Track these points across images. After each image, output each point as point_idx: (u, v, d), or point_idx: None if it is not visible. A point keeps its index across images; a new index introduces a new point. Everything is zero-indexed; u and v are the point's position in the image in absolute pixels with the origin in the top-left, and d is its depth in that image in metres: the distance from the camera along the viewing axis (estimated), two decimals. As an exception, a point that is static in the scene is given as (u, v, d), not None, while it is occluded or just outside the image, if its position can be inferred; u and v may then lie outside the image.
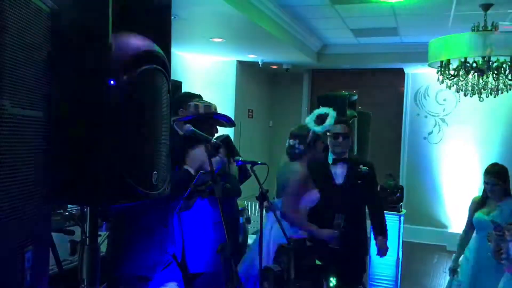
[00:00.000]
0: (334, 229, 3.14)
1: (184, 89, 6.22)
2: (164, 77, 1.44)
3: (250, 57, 6.93)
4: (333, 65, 7.73)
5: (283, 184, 3.21)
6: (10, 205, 0.94)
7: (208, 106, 2.65)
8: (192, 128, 2.27)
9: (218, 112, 2.69)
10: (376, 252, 3.58)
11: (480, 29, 4.79)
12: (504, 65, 4.73)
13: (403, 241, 5.48)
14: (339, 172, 3.49)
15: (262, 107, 8.51)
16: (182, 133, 2.38)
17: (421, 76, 7.81)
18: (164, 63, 1.44)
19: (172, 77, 4.81)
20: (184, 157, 2.43)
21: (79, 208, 1.90)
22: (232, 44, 6.00)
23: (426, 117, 7.89)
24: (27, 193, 1.02)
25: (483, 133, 7.44)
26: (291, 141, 3.27)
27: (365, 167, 3.50)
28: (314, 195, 3.16)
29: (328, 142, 3.52)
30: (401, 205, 4.83)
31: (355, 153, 4.94)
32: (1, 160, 0.91)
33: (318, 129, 3.16)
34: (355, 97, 4.99)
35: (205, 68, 7.12)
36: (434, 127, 7.86)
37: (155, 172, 1.38)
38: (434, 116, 7.83)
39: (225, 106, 6.79)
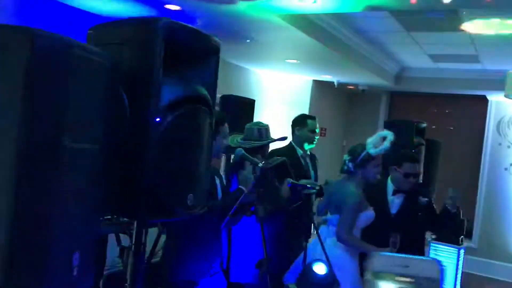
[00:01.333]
0: (391, 247, 3.17)
1: (258, 106, 6.49)
2: (206, 113, 1.68)
3: (325, 77, 7.08)
4: (411, 88, 7.64)
5: (338, 203, 3.26)
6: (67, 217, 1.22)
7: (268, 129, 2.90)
8: (243, 152, 2.50)
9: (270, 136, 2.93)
10: None
11: None
12: None
13: (471, 274, 5.31)
14: (396, 202, 3.53)
15: (337, 126, 8.59)
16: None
17: (505, 105, 7.48)
18: (206, 101, 1.68)
19: (247, 95, 5.13)
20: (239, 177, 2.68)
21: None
22: (306, 65, 6.20)
23: (509, 147, 7.53)
24: (82, 210, 1.30)
25: None
26: (345, 156, 3.35)
27: (425, 198, 3.52)
28: (369, 215, 3.21)
29: (394, 175, 3.56)
30: (462, 238, 4.72)
31: (421, 181, 4.91)
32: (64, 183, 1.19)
33: (371, 150, 3.19)
34: (424, 125, 4.98)
35: (281, 86, 7.37)
36: (517, 158, 7.48)
37: (191, 194, 1.62)
38: (518, 146, 7.46)
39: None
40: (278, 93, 7.33)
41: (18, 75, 1.08)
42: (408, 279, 1.10)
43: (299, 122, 4.30)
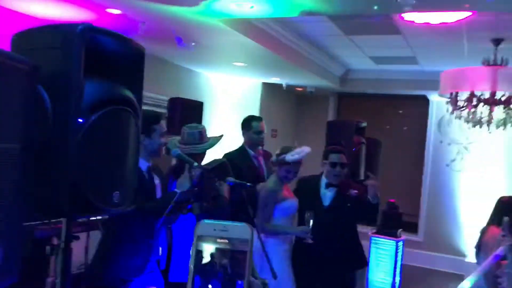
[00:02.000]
0: (306, 225, 3.43)
1: (208, 108, 6.58)
2: (130, 114, 1.76)
3: (274, 80, 7.24)
4: (356, 89, 7.93)
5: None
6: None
7: (204, 131, 3.00)
8: (179, 152, 2.59)
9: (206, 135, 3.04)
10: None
11: (491, 63, 4.93)
12: (512, 99, 4.83)
13: (416, 266, 5.56)
14: (328, 195, 3.75)
15: (287, 127, 8.78)
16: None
17: (445, 104, 7.85)
18: (131, 103, 1.76)
19: (195, 97, 5.20)
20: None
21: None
22: (254, 68, 6.33)
23: (449, 144, 7.92)
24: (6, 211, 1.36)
25: (506, 163, 7.42)
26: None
27: (354, 191, 3.73)
28: (287, 204, 3.45)
29: (325, 169, 3.82)
30: (399, 231, 4.96)
31: (362, 177, 5.13)
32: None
33: (288, 156, 3.46)
34: (364, 124, 5.20)
35: (230, 88, 7.48)
36: (457, 154, 7.88)
37: (117, 192, 1.69)
38: (458, 144, 7.85)
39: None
40: (228, 95, 7.43)
41: None
42: (225, 240, 1.35)
43: (245, 124, 4.44)
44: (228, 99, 7.42)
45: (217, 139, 3.23)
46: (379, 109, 8.49)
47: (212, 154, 4.22)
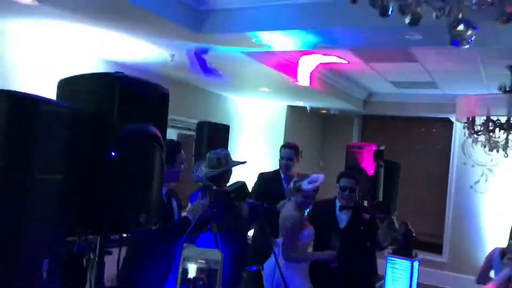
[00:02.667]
0: (332, 250, 3.64)
1: (234, 131, 6.90)
2: (156, 147, 2.06)
3: (299, 103, 7.52)
4: (378, 112, 8.11)
5: (281, 225, 3.70)
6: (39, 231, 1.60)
7: (227, 157, 3.31)
8: (199, 175, 2.89)
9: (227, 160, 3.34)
10: None
11: (507, 89, 5.07)
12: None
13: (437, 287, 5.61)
14: (343, 217, 3.96)
15: (312, 148, 8.99)
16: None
17: (467, 126, 7.95)
18: (157, 139, 2.06)
19: (222, 120, 5.52)
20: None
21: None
22: (278, 93, 6.63)
23: (473, 166, 7.97)
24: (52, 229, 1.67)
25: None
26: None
27: (367, 215, 3.95)
28: (309, 231, 3.63)
29: (337, 193, 4.03)
30: (415, 252, 5.09)
31: (380, 199, 5.31)
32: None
33: (304, 184, 3.63)
34: (383, 147, 5.38)
35: (257, 111, 7.80)
36: (481, 176, 7.92)
37: (143, 213, 1.99)
38: (482, 165, 7.90)
39: (274, 146, 7.37)
40: (254, 118, 7.74)
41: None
42: (203, 261, 2.13)
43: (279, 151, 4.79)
44: (254, 122, 7.73)
45: (237, 163, 3.50)
46: (403, 130, 8.62)
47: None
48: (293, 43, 3.93)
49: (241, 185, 3.43)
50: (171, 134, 6.84)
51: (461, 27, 1.29)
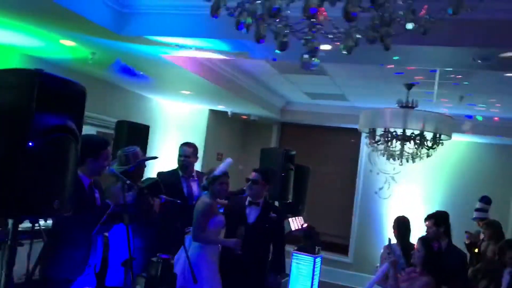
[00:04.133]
0: (238, 237, 3.95)
1: (155, 132, 7.06)
2: (71, 141, 2.25)
3: (220, 107, 7.81)
4: (294, 120, 8.62)
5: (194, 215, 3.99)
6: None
7: (136, 154, 3.51)
8: (112, 169, 3.08)
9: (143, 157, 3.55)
10: None
11: (403, 104, 5.68)
12: (421, 136, 5.57)
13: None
14: (252, 213, 4.28)
15: (233, 152, 9.29)
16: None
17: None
18: (73, 132, 2.25)
19: (143, 121, 5.64)
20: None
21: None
22: (199, 97, 6.88)
23: (378, 173, 8.67)
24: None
25: (426, 192, 8.25)
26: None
27: (274, 214, 4.30)
28: (218, 219, 3.94)
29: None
30: (318, 249, 5.54)
31: (290, 200, 5.72)
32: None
33: (216, 171, 3.97)
34: (293, 152, 5.80)
35: (178, 113, 7.99)
36: (385, 183, 8.64)
37: (57, 200, 2.17)
38: (385, 173, 8.62)
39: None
40: (175, 119, 7.93)
41: None
42: None
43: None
44: (175, 123, 7.90)
45: (146, 159, 3.73)
46: (318, 138, 9.18)
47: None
48: (209, 50, 4.20)
49: (155, 181, 3.67)
50: (90, 131, 6.87)
51: (305, 56, 1.61)
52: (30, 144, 2.04)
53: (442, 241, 4.13)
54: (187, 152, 4.72)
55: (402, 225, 4.55)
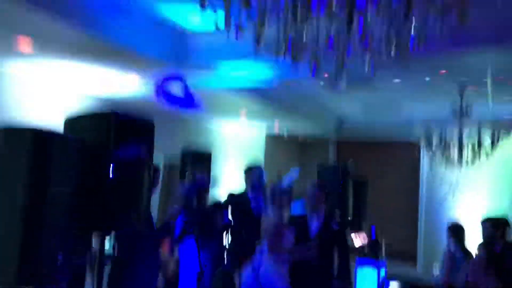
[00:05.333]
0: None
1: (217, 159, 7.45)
2: (146, 168, 2.60)
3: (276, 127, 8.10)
4: (349, 138, 8.77)
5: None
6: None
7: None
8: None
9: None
10: None
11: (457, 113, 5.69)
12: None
13: None
14: (314, 226, 4.44)
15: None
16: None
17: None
18: (145, 161, 2.60)
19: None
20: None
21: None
22: (256, 115, 7.20)
23: (440, 185, 8.59)
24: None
25: (492, 199, 8.07)
26: None
27: (335, 225, 4.46)
28: (290, 235, 4.12)
29: None
30: (381, 256, 5.60)
31: (350, 217, 5.82)
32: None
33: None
34: (350, 168, 5.92)
35: (238, 141, 8.37)
36: (449, 193, 8.53)
37: (134, 213, 2.51)
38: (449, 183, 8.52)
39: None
40: (235, 147, 8.31)
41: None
42: None
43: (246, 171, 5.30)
44: (236, 150, 8.30)
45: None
46: (375, 154, 9.24)
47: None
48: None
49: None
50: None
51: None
52: (111, 176, 2.40)
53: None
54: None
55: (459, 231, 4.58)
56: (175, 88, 4.89)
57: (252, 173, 5.22)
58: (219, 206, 3.83)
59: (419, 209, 8.73)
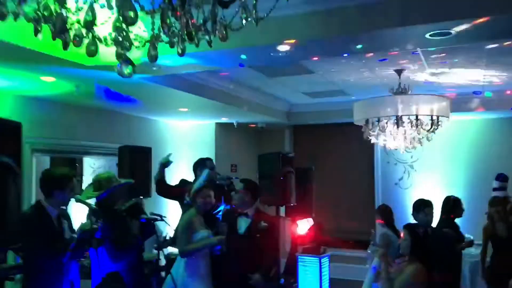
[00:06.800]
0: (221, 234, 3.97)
1: (163, 152, 7.20)
2: (9, 173, 2.34)
3: (224, 119, 7.86)
4: (303, 122, 8.56)
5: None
6: None
7: (109, 179, 3.61)
8: (77, 197, 3.18)
9: (118, 182, 3.64)
10: None
11: (395, 91, 5.56)
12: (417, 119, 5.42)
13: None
14: (242, 224, 4.26)
15: (247, 161, 9.31)
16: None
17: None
18: (7, 166, 2.34)
19: (149, 143, 5.72)
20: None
21: None
22: (198, 113, 6.96)
23: (395, 164, 8.49)
24: None
25: (447, 177, 7.97)
26: None
27: (264, 224, 4.28)
28: (200, 235, 3.96)
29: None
30: (324, 248, 5.47)
31: (293, 203, 5.67)
32: None
33: (196, 186, 4.00)
34: (291, 155, 5.77)
35: (184, 131, 8.10)
36: (404, 173, 8.44)
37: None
38: (403, 163, 8.43)
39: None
40: (183, 138, 8.04)
41: None
42: None
43: (198, 164, 5.07)
44: (183, 142, 8.01)
45: (120, 185, 3.82)
46: (330, 136, 9.08)
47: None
48: (180, 66, 4.24)
49: (134, 204, 3.75)
50: (97, 160, 7.06)
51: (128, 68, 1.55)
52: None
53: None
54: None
55: (384, 212, 4.54)
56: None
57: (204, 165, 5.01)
58: (138, 210, 3.65)
59: (375, 192, 8.63)
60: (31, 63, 3.82)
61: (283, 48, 3.64)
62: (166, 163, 4.95)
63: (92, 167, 7.32)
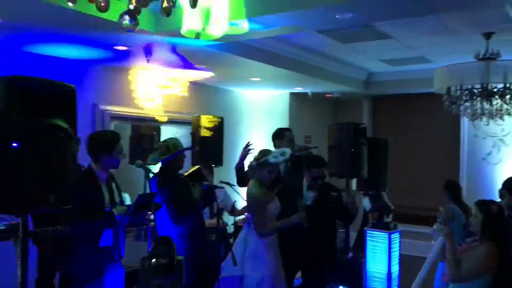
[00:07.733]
0: (300, 211, 3.79)
1: (240, 122, 7.25)
2: (62, 137, 2.38)
3: (298, 89, 7.67)
4: (382, 92, 8.13)
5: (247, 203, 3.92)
6: None
7: (175, 144, 3.64)
8: (140, 162, 3.22)
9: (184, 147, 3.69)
10: None
11: (481, 56, 5.04)
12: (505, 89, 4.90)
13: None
14: (310, 195, 4.08)
15: (321, 133, 9.07)
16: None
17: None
18: (62, 129, 2.37)
19: (223, 113, 5.78)
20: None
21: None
22: (271, 82, 6.83)
23: (484, 138, 7.84)
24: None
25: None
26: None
27: (334, 193, 4.12)
28: (274, 204, 3.82)
29: (306, 177, 4.26)
30: (395, 224, 5.19)
31: (366, 176, 5.40)
32: None
33: (270, 159, 3.79)
34: (363, 125, 5.46)
35: (259, 101, 8.03)
36: (493, 147, 7.78)
37: (52, 195, 2.31)
38: (493, 136, 7.76)
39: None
40: (258, 108, 7.99)
41: None
42: None
43: (277, 135, 4.99)
44: (258, 111, 7.97)
45: (186, 149, 3.83)
46: (413, 107, 8.58)
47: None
48: (255, 30, 4.09)
49: (196, 170, 3.75)
50: (172, 130, 7.22)
51: (126, 20, 1.44)
52: (15, 145, 2.20)
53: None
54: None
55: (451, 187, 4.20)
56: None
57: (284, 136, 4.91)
58: (199, 177, 3.68)
59: (460, 167, 8.05)
60: (106, 32, 3.92)
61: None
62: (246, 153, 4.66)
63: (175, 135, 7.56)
